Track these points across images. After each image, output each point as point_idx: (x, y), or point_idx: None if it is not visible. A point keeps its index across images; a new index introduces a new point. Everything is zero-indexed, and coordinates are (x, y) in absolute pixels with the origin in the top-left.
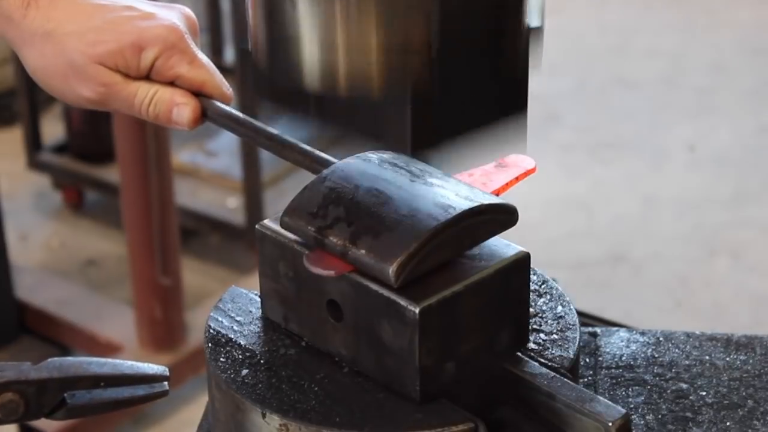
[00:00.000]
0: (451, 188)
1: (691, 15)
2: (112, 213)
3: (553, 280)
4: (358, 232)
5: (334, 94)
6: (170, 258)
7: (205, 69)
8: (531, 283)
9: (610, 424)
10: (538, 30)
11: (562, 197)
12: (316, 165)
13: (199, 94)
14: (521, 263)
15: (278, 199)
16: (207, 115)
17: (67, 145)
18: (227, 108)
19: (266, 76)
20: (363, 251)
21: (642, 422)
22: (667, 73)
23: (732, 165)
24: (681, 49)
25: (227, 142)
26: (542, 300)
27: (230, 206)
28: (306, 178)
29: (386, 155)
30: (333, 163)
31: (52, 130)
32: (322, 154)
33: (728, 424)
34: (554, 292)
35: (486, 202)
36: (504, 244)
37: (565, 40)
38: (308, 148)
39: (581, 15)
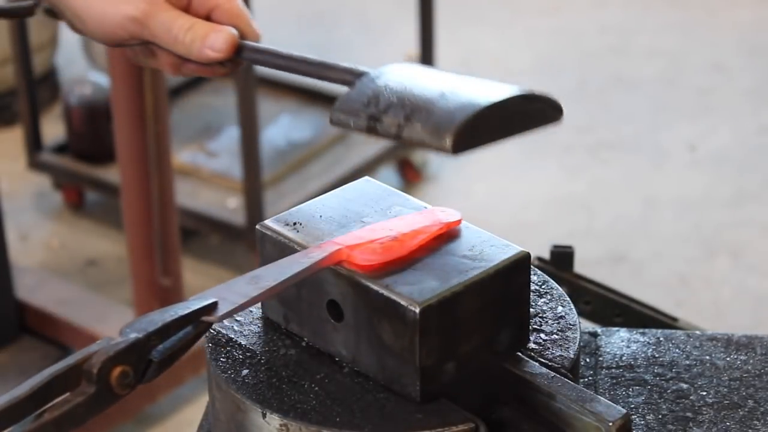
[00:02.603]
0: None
1: (691, 15)
2: (112, 213)
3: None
4: (412, 113)
5: None
6: (170, 258)
7: (238, 2)
8: (531, 283)
9: (611, 424)
10: None
11: (562, 197)
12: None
13: None
14: (521, 263)
15: (278, 199)
16: (242, 53)
17: (67, 145)
18: (260, 44)
19: None
20: (419, 125)
21: (642, 422)
22: (667, 73)
23: (732, 165)
24: (681, 49)
25: (227, 142)
26: (543, 300)
27: (230, 206)
28: (305, 177)
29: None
30: None
31: (52, 130)
32: (364, 68)
33: (728, 424)
34: (555, 292)
35: (538, 93)
36: (504, 244)
37: (565, 40)
38: (349, 65)
39: (581, 15)
